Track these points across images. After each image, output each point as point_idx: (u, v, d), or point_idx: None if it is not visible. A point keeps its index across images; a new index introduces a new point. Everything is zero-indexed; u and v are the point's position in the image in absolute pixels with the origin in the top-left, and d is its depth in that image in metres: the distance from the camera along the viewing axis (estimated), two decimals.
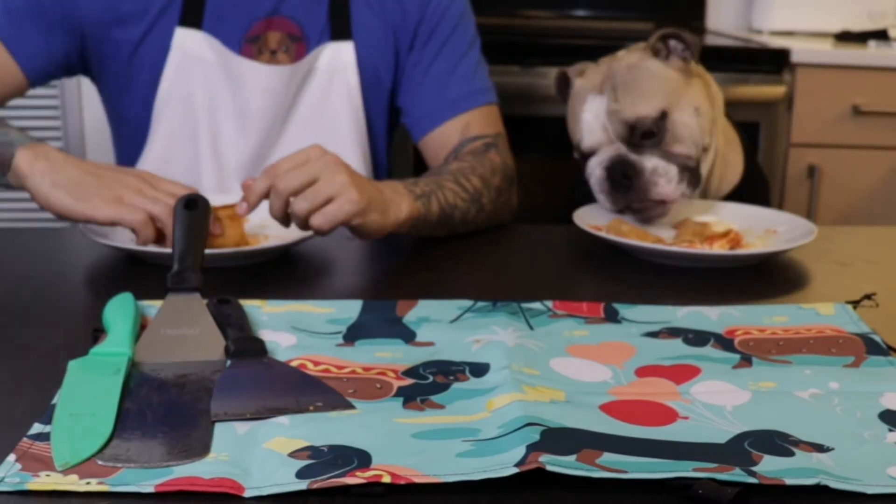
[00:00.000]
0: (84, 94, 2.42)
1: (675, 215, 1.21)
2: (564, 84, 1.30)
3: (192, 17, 1.26)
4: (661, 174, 1.16)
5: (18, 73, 1.24)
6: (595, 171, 1.20)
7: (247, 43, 1.28)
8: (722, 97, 1.30)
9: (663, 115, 1.18)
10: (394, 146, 1.46)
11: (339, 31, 1.31)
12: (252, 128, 1.30)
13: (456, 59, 1.35)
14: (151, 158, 1.30)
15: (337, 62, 1.31)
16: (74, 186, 1.02)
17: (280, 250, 1.06)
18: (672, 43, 1.22)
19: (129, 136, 1.35)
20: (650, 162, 1.17)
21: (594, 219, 1.18)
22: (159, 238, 1.02)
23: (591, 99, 1.20)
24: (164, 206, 1.01)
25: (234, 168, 1.31)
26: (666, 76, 1.21)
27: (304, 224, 0.99)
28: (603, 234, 1.10)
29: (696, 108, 1.21)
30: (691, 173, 1.18)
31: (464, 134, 1.32)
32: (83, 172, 1.03)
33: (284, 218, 1.00)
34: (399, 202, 1.07)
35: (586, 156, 1.22)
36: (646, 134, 1.17)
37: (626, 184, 1.16)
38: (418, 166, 1.58)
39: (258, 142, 1.31)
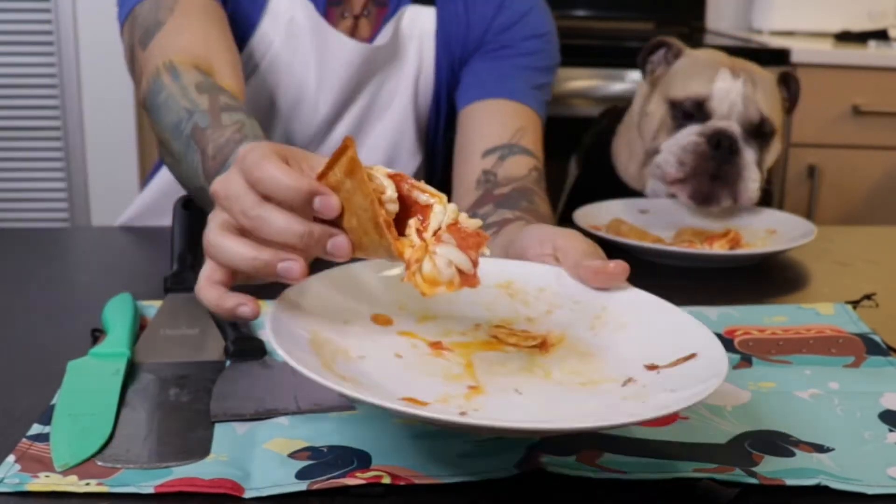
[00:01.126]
0: (84, 95, 2.42)
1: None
2: (652, 51, 1.31)
3: None
4: (753, 170, 1.20)
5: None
6: (691, 135, 1.21)
7: (330, 6, 1.20)
8: None
9: (775, 132, 1.24)
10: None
11: None
12: (325, 100, 1.22)
13: (527, 67, 1.25)
14: None
15: (414, 29, 1.22)
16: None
17: None
18: (784, 87, 1.30)
19: None
20: (752, 156, 1.20)
21: (594, 219, 1.18)
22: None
23: (725, 75, 1.23)
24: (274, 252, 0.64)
25: (298, 141, 1.23)
26: (783, 104, 1.30)
27: None
28: (602, 233, 1.10)
29: (779, 145, 1.27)
30: (764, 193, 1.23)
31: (516, 136, 1.18)
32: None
33: None
34: None
35: (691, 115, 1.23)
36: (761, 133, 1.22)
37: (720, 157, 1.18)
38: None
39: (325, 116, 1.23)
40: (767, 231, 1.17)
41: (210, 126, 0.87)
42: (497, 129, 1.18)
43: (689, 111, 1.23)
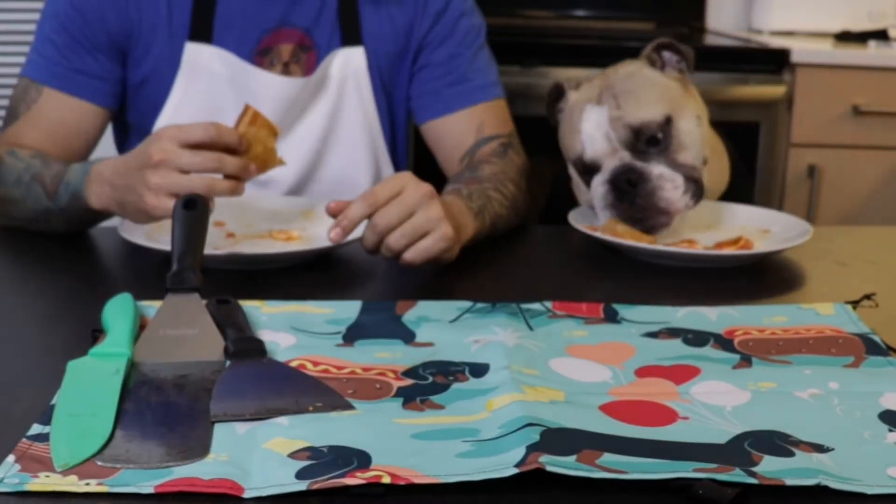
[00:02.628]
0: None
1: (676, 231, 1.18)
2: (555, 99, 1.27)
3: (202, 32, 1.25)
4: (667, 179, 1.13)
5: (94, 108, 1.25)
6: (598, 188, 1.16)
7: (258, 55, 1.28)
8: (706, 109, 1.27)
9: (668, 121, 1.15)
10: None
11: (349, 36, 1.31)
12: None
13: (471, 54, 1.35)
14: None
15: (348, 68, 1.31)
16: (118, 205, 1.04)
17: (304, 256, 1.06)
18: (667, 55, 1.21)
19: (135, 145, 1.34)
20: (656, 169, 1.13)
21: (590, 219, 1.18)
22: (233, 191, 1.00)
23: (590, 109, 1.17)
24: (192, 181, 0.97)
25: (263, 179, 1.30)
26: (666, 84, 1.19)
27: (394, 257, 0.98)
28: (598, 234, 1.10)
29: (697, 117, 1.19)
30: (696, 184, 1.15)
31: (479, 133, 1.32)
32: (112, 189, 1.04)
33: (376, 250, 0.98)
34: (466, 224, 1.07)
35: (589, 169, 1.18)
36: (651, 140, 1.14)
37: (631, 192, 1.12)
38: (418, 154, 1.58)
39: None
40: (762, 231, 1.16)
41: (43, 168, 1.13)
42: (464, 136, 1.33)
43: (586, 166, 1.18)
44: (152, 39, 1.25)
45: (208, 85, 1.26)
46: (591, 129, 1.17)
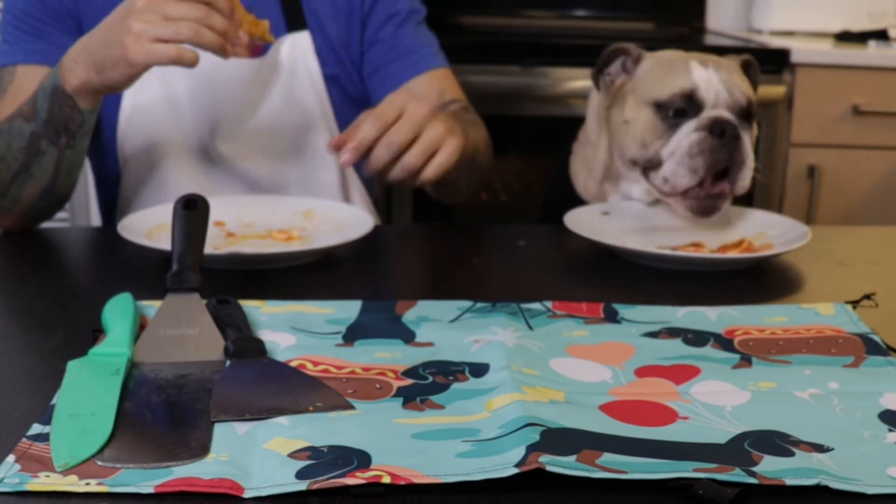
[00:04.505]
0: None
1: (682, 230, 1.19)
2: (608, 62, 1.26)
3: None
4: (751, 156, 1.15)
5: None
6: (691, 134, 1.15)
7: None
8: None
9: (755, 116, 1.20)
10: None
11: (294, 21, 1.32)
12: (221, 125, 1.30)
13: (413, 27, 1.38)
14: (131, 169, 1.30)
15: (297, 53, 1.32)
16: (96, 69, 1.02)
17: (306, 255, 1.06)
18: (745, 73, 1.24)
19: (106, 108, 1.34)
20: (748, 141, 1.16)
21: (589, 219, 1.17)
22: (221, 46, 1.00)
23: (698, 67, 1.18)
24: (179, 25, 0.98)
25: (204, 166, 1.31)
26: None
27: (412, 177, 0.98)
28: (595, 238, 1.09)
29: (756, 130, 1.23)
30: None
31: (441, 98, 1.33)
32: (88, 54, 1.02)
33: (386, 170, 0.98)
34: (458, 134, 1.07)
35: (679, 112, 1.17)
36: (748, 117, 1.18)
37: (720, 149, 1.13)
38: None
39: (227, 136, 1.31)
40: (757, 234, 1.16)
41: (17, 109, 1.12)
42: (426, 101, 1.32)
43: (680, 107, 1.18)
44: (106, 12, 1.25)
45: (161, 72, 1.26)
46: (706, 78, 1.18)
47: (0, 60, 1.26)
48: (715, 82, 1.17)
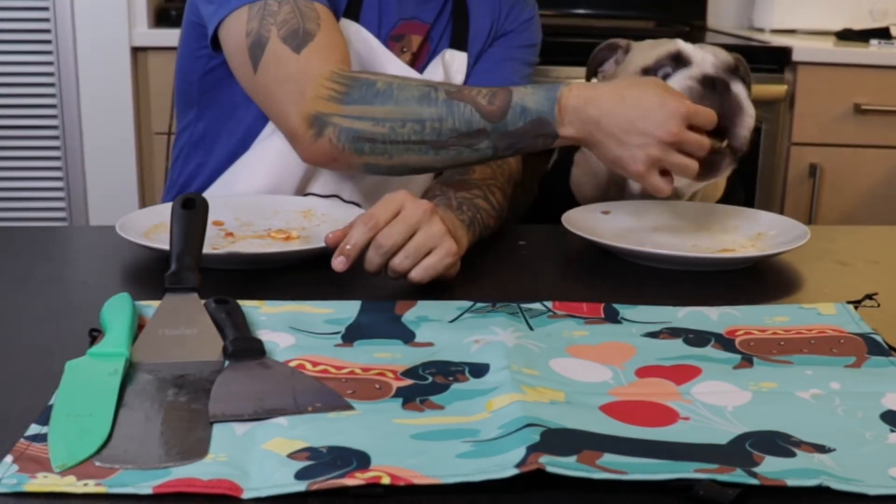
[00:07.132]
0: (82, 94, 2.42)
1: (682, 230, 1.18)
2: (602, 61, 1.28)
3: (354, 10, 1.27)
4: (749, 104, 1.15)
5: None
6: (684, 80, 1.16)
7: (392, 40, 1.30)
8: None
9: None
10: None
11: (458, 40, 1.33)
12: None
13: (522, 70, 1.37)
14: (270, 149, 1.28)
15: (451, 70, 1.32)
16: (595, 144, 1.05)
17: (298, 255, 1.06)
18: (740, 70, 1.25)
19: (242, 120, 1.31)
20: (742, 90, 1.16)
21: (588, 219, 1.17)
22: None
23: (683, 42, 1.21)
24: (689, 162, 1.03)
25: None
26: None
27: (399, 277, 0.96)
28: (594, 238, 1.09)
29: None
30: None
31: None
32: (598, 130, 1.03)
33: (379, 271, 0.96)
34: (461, 237, 1.04)
35: (667, 77, 1.18)
36: (735, 71, 1.20)
37: (713, 99, 1.12)
38: None
39: None
40: (755, 234, 1.16)
41: (459, 88, 1.09)
42: None
43: (667, 71, 1.19)
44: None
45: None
46: (692, 48, 1.21)
47: None
48: (700, 51, 1.20)
